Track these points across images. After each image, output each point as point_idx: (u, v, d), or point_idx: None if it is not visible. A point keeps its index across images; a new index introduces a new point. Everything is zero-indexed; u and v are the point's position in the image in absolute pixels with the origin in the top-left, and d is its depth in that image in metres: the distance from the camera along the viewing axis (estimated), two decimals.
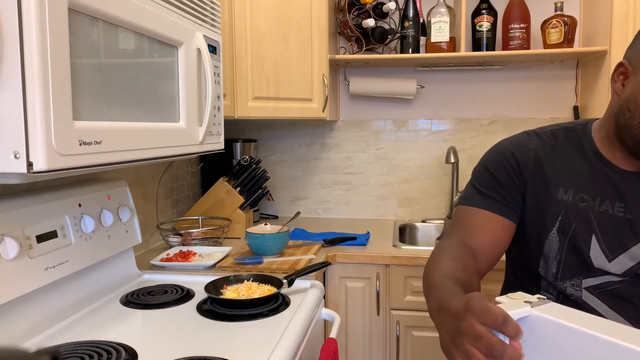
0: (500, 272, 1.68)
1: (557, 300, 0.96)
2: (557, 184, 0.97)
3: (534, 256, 1.00)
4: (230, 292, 1.26)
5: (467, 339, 0.64)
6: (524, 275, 1.04)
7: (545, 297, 0.72)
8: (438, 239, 2.11)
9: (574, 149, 0.99)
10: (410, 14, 2.04)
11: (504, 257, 1.11)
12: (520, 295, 0.73)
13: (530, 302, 0.70)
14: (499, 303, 0.70)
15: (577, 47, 2.06)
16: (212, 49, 1.32)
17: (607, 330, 0.61)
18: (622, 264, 0.92)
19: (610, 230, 0.93)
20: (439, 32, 2.02)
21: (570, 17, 1.96)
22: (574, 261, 0.95)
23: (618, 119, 0.92)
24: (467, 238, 0.99)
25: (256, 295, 1.22)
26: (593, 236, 0.93)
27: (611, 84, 0.94)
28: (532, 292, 0.96)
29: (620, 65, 0.92)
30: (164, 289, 1.35)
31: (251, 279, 1.35)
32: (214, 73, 1.32)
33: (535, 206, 0.98)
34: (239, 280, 1.34)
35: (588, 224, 0.94)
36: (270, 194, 2.42)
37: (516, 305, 0.69)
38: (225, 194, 1.95)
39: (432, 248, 1.76)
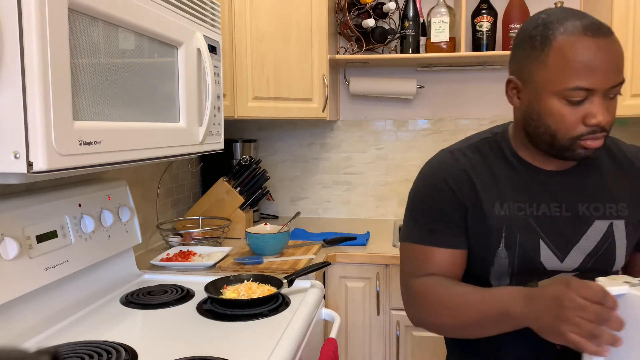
0: None
1: None
2: (492, 200, 0.97)
3: (484, 269, 0.99)
4: (230, 292, 1.26)
5: (573, 312, 0.73)
6: (475, 284, 1.01)
7: None
8: None
9: (499, 160, 1.00)
10: (410, 14, 2.04)
11: None
12: (621, 277, 0.79)
13: (629, 283, 0.76)
14: (599, 281, 0.77)
15: None
16: (212, 49, 1.32)
17: None
18: (573, 260, 0.95)
19: (555, 231, 0.95)
20: (439, 32, 2.02)
21: None
22: (526, 270, 0.95)
23: (526, 128, 0.95)
24: (435, 271, 0.99)
25: (256, 295, 1.22)
26: (541, 241, 0.94)
27: (507, 99, 0.98)
28: None
29: (509, 81, 0.96)
30: (164, 289, 1.35)
31: (251, 279, 1.35)
32: (214, 73, 1.32)
33: (477, 226, 0.97)
34: (239, 280, 1.34)
35: (532, 231, 0.95)
36: (270, 194, 2.42)
37: (614, 284, 0.75)
38: (225, 194, 1.95)
39: None
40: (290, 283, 1.32)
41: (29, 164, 0.73)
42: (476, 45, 2.05)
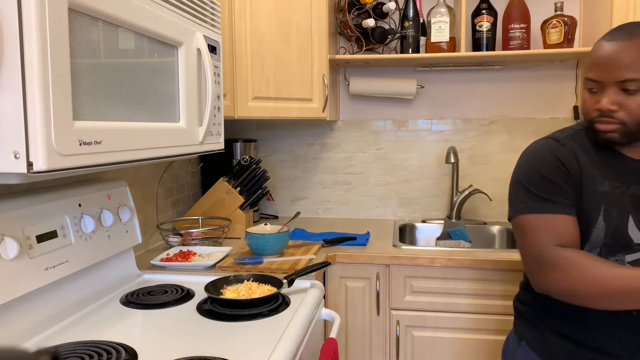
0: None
1: None
2: (594, 179, 1.11)
3: (581, 241, 1.12)
4: (230, 292, 1.26)
5: None
6: None
7: None
8: (438, 239, 2.11)
9: (596, 147, 1.15)
10: (410, 14, 2.04)
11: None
12: None
13: None
14: None
15: (577, 47, 2.06)
16: (212, 49, 1.32)
17: None
18: None
19: None
20: (439, 32, 2.02)
21: (570, 17, 1.96)
22: (617, 242, 1.08)
23: None
24: (560, 241, 1.10)
25: (256, 295, 1.23)
26: (630, 217, 1.07)
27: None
28: None
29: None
30: (164, 289, 1.35)
31: (251, 279, 1.35)
32: (214, 73, 1.32)
33: (583, 200, 1.11)
34: (239, 280, 1.34)
35: (624, 207, 1.08)
36: (270, 194, 2.42)
37: None
38: (225, 194, 1.95)
39: (432, 248, 1.77)
40: (290, 283, 1.32)
41: (29, 164, 0.73)
42: (476, 45, 2.05)
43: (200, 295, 1.32)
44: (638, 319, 1.07)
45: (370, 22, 2.00)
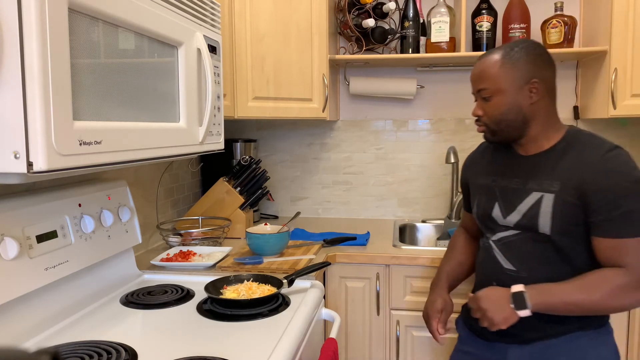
0: None
1: (482, 249, 1.36)
2: (478, 175, 1.40)
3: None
4: (230, 292, 1.26)
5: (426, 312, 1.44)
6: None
7: None
8: (438, 239, 2.11)
9: (502, 149, 1.36)
10: (410, 14, 2.04)
11: None
12: None
13: None
14: None
15: (577, 47, 2.06)
16: (212, 49, 1.32)
17: None
18: (512, 218, 1.27)
19: (507, 197, 1.29)
20: (439, 32, 2.02)
21: (570, 17, 1.96)
22: (486, 224, 1.34)
23: None
24: (464, 224, 1.57)
25: (256, 295, 1.23)
26: (496, 202, 1.31)
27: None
28: (483, 243, 1.37)
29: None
30: (164, 289, 1.35)
31: (251, 279, 1.35)
32: (214, 73, 1.32)
33: (470, 193, 1.45)
34: (239, 280, 1.34)
35: (493, 195, 1.33)
36: (270, 194, 2.42)
37: None
38: (225, 194, 1.95)
39: (432, 248, 1.78)
40: (290, 283, 1.32)
41: (29, 164, 0.73)
42: (476, 45, 2.05)
43: (200, 295, 1.32)
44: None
45: (370, 22, 2.00)
